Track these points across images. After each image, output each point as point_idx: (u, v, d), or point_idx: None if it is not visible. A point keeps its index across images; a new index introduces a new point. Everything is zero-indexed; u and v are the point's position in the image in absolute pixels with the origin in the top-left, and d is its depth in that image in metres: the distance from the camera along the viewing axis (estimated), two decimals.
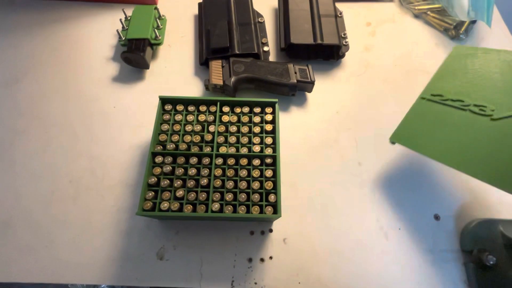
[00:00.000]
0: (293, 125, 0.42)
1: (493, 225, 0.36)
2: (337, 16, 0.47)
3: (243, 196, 0.32)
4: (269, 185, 0.32)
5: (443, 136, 0.30)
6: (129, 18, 0.46)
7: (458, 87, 0.31)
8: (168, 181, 0.32)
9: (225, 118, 0.36)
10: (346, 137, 0.42)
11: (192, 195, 0.32)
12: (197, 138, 0.35)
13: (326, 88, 0.45)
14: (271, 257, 0.35)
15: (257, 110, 0.37)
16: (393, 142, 0.39)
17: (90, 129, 0.41)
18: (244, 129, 0.35)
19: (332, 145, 0.41)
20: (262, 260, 0.35)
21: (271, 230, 0.36)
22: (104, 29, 0.49)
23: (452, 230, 0.36)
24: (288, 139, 0.41)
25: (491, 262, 0.32)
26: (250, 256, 0.35)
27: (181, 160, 0.33)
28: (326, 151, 0.41)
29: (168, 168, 0.33)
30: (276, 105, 0.36)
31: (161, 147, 0.34)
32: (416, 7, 0.52)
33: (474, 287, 0.33)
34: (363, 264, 0.34)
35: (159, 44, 0.45)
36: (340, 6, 0.50)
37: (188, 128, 0.35)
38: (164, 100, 0.36)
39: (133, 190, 0.38)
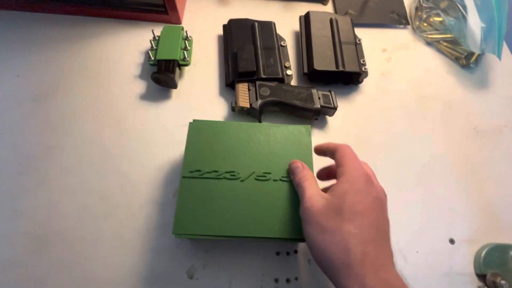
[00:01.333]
0: None
1: (505, 250, 0.38)
2: (356, 43, 0.50)
3: None
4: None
5: (215, 209, 0.32)
6: (157, 38, 0.47)
7: (210, 159, 0.33)
8: None
9: None
10: (366, 160, 0.44)
11: None
12: None
13: (345, 112, 0.47)
14: (296, 278, 0.36)
15: None
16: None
17: (119, 146, 0.42)
18: None
19: None
20: (288, 280, 0.36)
21: (296, 251, 0.38)
22: (130, 46, 0.50)
23: (467, 254, 0.39)
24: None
25: (505, 287, 0.35)
26: (276, 276, 0.36)
27: None
28: None
29: None
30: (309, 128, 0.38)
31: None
32: (429, 36, 0.55)
33: None
34: None
35: (186, 65, 0.47)
36: (357, 31, 0.52)
37: None
38: None
39: (162, 208, 0.39)
